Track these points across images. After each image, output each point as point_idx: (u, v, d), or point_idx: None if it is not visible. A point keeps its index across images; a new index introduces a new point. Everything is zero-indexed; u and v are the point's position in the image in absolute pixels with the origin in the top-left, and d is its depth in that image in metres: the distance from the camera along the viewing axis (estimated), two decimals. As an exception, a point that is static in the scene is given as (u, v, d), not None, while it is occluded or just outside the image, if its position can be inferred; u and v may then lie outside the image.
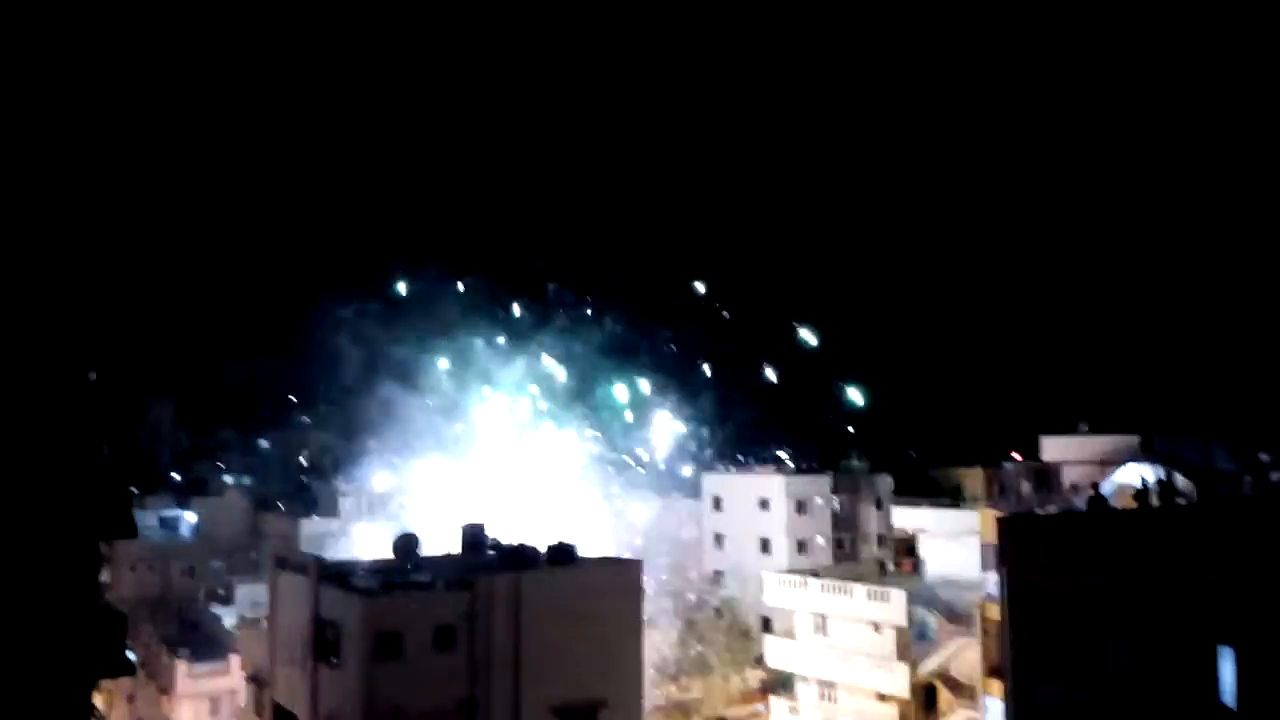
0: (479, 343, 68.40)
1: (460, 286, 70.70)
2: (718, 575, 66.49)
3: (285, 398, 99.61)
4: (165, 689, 49.09)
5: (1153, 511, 31.72)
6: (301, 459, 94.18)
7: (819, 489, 68.12)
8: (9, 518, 20.09)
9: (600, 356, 71.35)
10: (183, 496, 73.25)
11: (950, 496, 57.61)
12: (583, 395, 71.23)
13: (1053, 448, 54.68)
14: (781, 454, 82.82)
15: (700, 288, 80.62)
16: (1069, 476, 50.86)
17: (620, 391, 72.05)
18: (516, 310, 72.16)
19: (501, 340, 69.26)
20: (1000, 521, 30.53)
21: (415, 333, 68.32)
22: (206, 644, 50.58)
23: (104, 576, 56.72)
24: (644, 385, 72.52)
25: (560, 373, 69.85)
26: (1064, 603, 26.86)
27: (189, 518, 69.78)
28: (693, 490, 72.64)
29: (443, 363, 68.04)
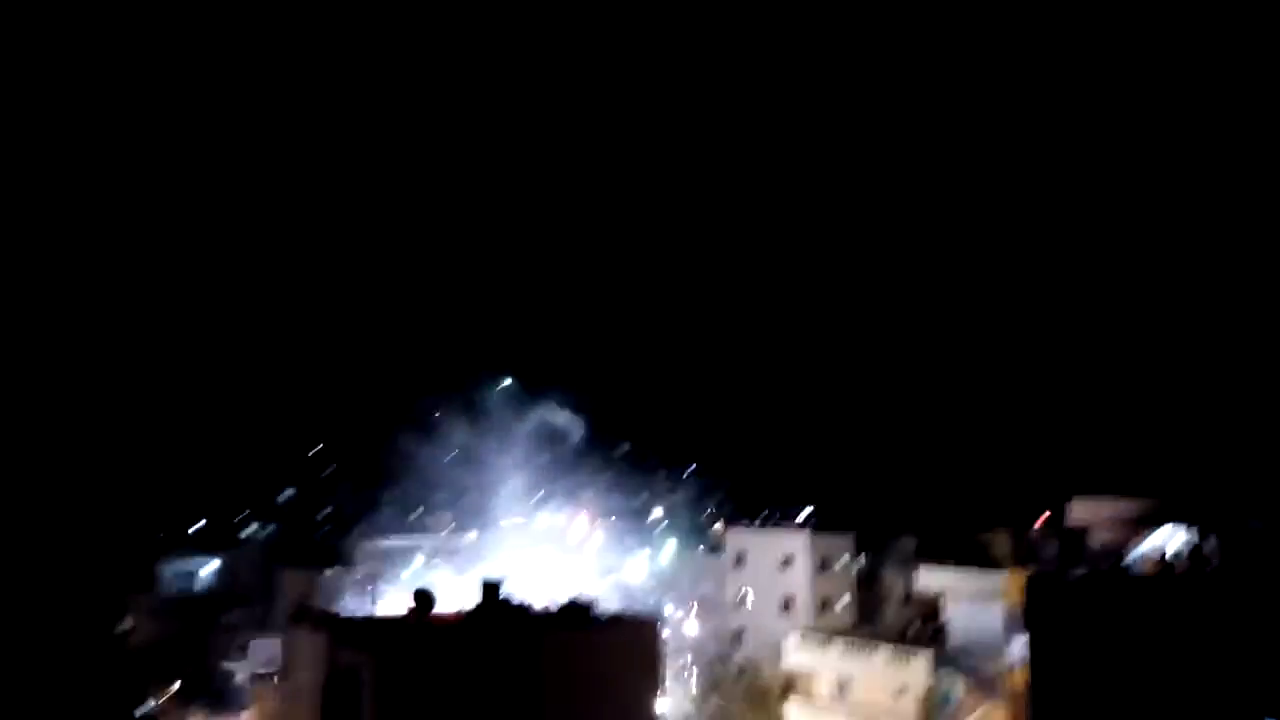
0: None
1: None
2: (739, 634, 65.58)
3: (309, 446, 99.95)
4: (179, 742, 48.73)
5: (1184, 576, 31.07)
6: (323, 511, 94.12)
7: (842, 547, 67.28)
8: (36, 573, 20.14)
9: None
10: (203, 547, 73.24)
11: (976, 559, 56.62)
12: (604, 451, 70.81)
13: (1081, 510, 53.86)
14: (805, 512, 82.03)
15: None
16: (1098, 539, 50.03)
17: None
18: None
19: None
20: (1027, 583, 30.02)
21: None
22: (221, 697, 50.27)
23: (124, 626, 56.78)
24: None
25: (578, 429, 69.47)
26: (1093, 667, 26.26)
27: (208, 568, 69.72)
28: (715, 547, 72.01)
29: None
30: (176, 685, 51.87)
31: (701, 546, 73.03)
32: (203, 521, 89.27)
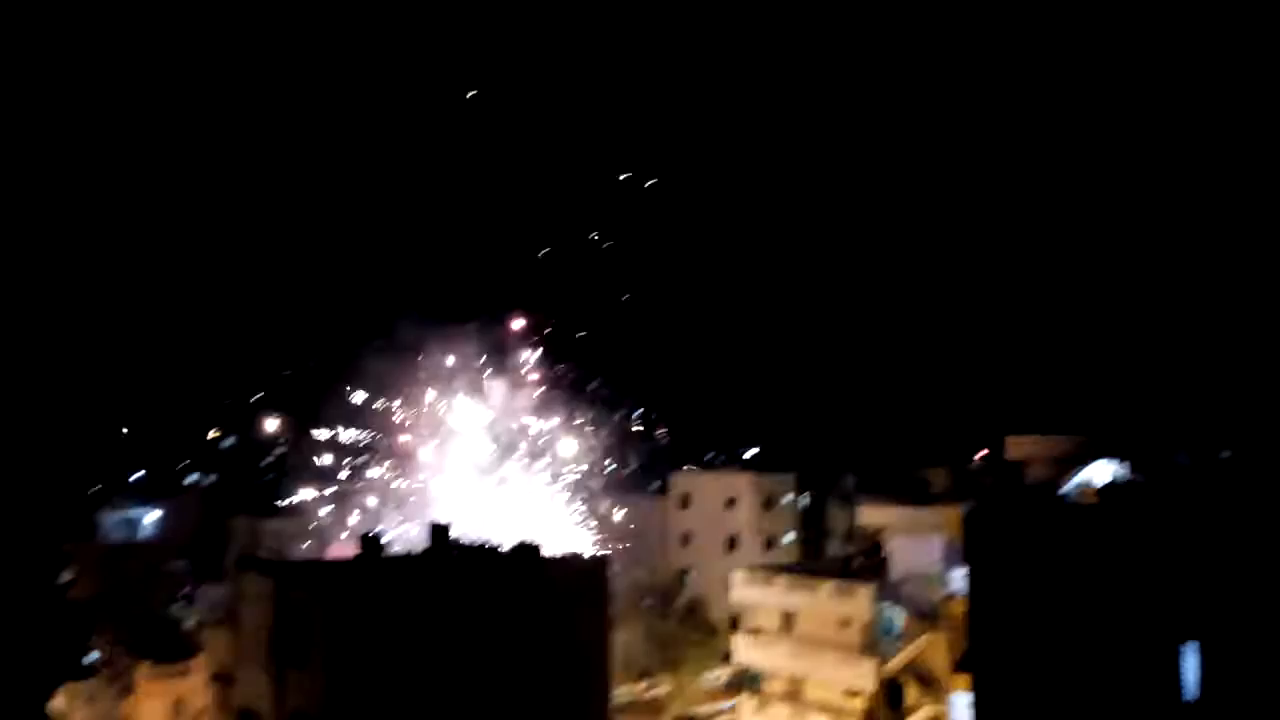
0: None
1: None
2: (684, 573, 66.67)
3: (248, 394, 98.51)
4: (127, 690, 48.49)
5: (1114, 507, 32.13)
6: (266, 458, 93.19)
7: (785, 487, 68.54)
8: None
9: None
10: (145, 496, 72.35)
11: (916, 494, 58.09)
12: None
13: (1017, 447, 55.30)
14: (748, 453, 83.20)
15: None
16: (1032, 475, 51.50)
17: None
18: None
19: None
20: (965, 517, 30.85)
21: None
22: (168, 644, 50.03)
23: (65, 577, 56.03)
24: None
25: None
26: (1028, 597, 27.16)
27: (151, 517, 68.93)
28: (660, 490, 72.78)
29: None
30: (122, 634, 51.45)
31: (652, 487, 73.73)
32: (142, 471, 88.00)
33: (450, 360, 64.52)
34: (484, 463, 62.24)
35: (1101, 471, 45.57)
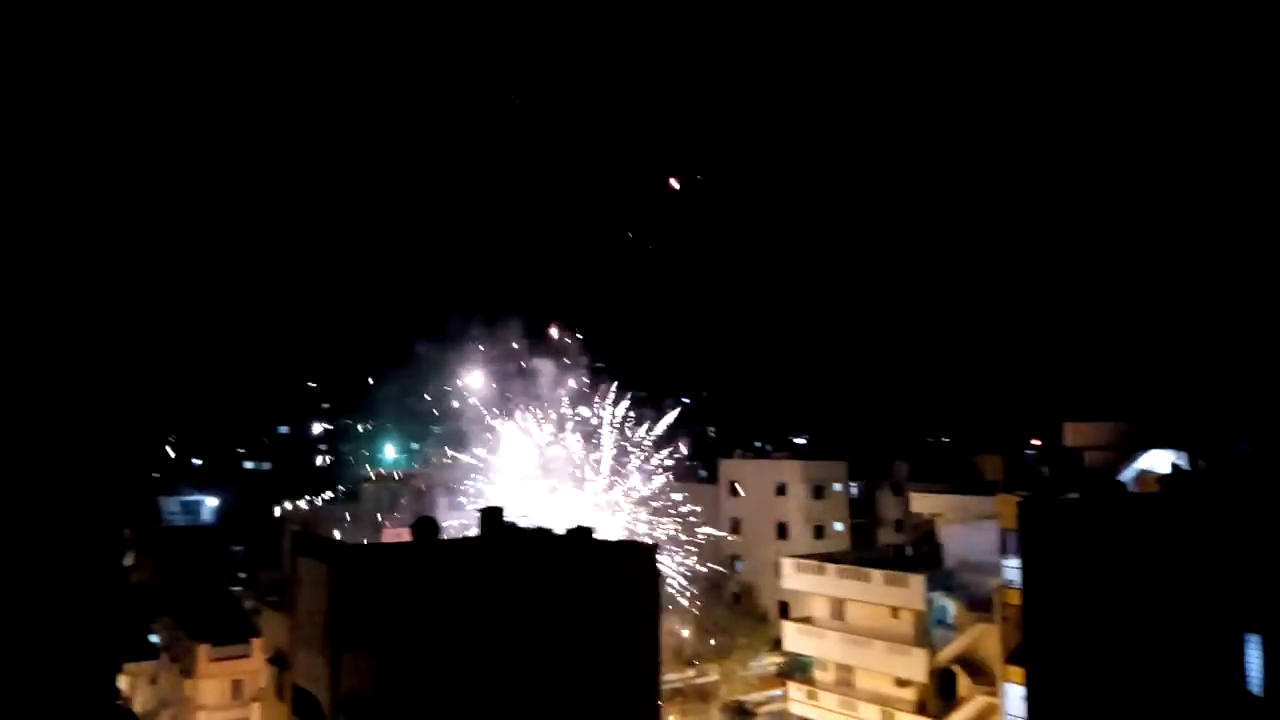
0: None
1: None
2: (734, 560, 66.58)
3: (304, 384, 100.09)
4: (188, 671, 49.52)
5: (1174, 497, 31.46)
6: (320, 445, 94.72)
7: (836, 474, 68.07)
8: (35, 508, 20.30)
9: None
10: (204, 482, 73.93)
11: (969, 482, 57.35)
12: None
13: (1074, 434, 54.32)
14: (799, 440, 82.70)
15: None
16: (1090, 462, 50.56)
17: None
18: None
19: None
20: (1020, 506, 30.35)
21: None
22: (228, 627, 50.98)
23: (128, 561, 57.35)
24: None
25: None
26: (1085, 588, 26.69)
27: (210, 503, 70.41)
28: (710, 477, 72.65)
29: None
30: (183, 617, 52.56)
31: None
32: (200, 461, 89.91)
33: (498, 352, 65.03)
34: (536, 453, 62.51)
35: (1160, 459, 44.65)
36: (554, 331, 67.87)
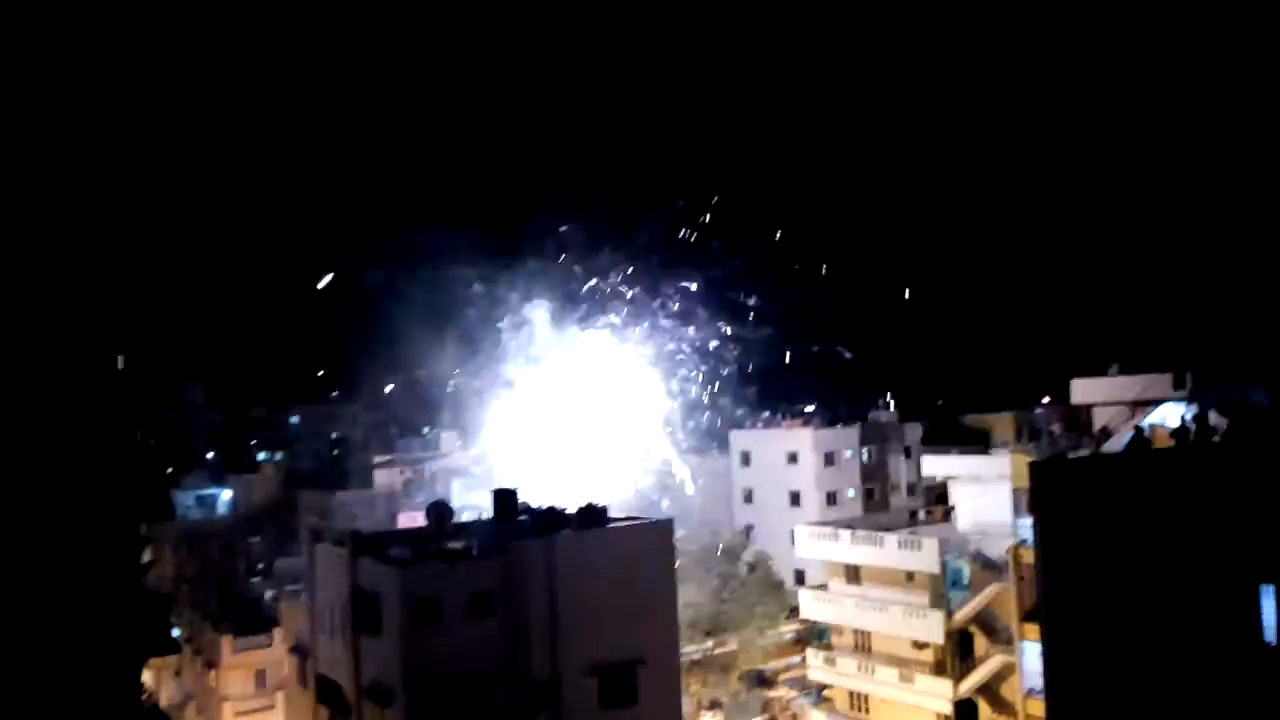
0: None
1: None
2: (748, 530, 66.77)
3: (313, 373, 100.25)
4: (211, 663, 50.00)
5: (1187, 450, 31.41)
6: (332, 434, 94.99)
7: (847, 441, 68.16)
8: (51, 506, 20.44)
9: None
10: (217, 475, 74.20)
11: (979, 443, 57.33)
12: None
13: (1083, 390, 54.22)
14: (809, 408, 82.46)
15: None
16: (1101, 419, 50.51)
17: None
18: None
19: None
20: (1032, 466, 30.30)
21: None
22: (249, 618, 51.41)
23: (145, 557, 57.70)
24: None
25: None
26: (1099, 545, 26.70)
27: (225, 495, 70.75)
28: (721, 447, 72.72)
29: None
30: (204, 609, 53.02)
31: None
32: (218, 449, 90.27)
33: (521, 330, 64.74)
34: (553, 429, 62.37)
35: (1171, 413, 44.55)
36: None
